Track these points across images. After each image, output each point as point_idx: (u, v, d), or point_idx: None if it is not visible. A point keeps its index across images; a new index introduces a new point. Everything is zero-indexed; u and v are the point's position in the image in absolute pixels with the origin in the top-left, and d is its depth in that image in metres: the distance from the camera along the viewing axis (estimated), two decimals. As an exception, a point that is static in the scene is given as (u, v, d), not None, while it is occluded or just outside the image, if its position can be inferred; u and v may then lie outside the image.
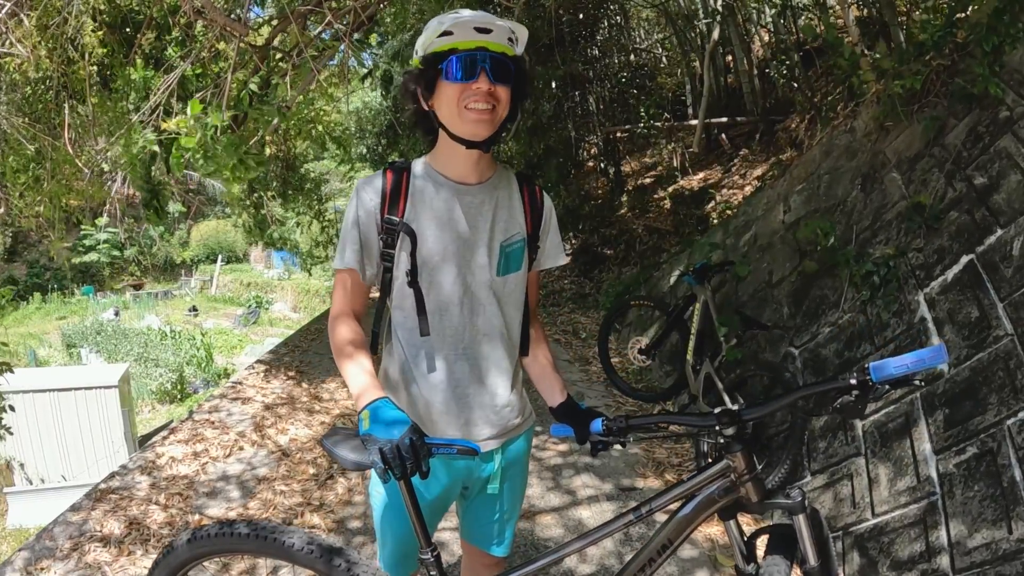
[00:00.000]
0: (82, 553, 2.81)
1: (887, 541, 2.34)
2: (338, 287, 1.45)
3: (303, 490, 3.46)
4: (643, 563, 1.36)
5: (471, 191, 1.42)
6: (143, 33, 4.30)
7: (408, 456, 1.15)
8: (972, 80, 2.84)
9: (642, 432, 1.35)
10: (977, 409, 2.22)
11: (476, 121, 1.32)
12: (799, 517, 1.25)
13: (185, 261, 26.24)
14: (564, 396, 1.55)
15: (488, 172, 1.45)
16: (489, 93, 1.31)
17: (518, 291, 1.50)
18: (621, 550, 2.77)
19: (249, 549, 1.39)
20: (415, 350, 1.44)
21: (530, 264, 1.52)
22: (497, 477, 1.52)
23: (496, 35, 1.31)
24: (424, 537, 1.31)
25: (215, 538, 1.39)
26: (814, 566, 1.25)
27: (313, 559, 1.34)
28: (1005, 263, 2.36)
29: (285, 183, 9.09)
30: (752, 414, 1.29)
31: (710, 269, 3.99)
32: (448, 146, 1.39)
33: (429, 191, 1.41)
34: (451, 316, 1.43)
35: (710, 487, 1.31)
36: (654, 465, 3.58)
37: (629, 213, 8.83)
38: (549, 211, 1.54)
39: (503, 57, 1.32)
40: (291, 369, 5.77)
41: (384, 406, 1.23)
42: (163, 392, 12.09)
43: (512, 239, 1.46)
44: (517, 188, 1.50)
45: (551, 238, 1.56)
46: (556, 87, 9.24)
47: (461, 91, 1.31)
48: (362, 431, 1.21)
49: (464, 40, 1.30)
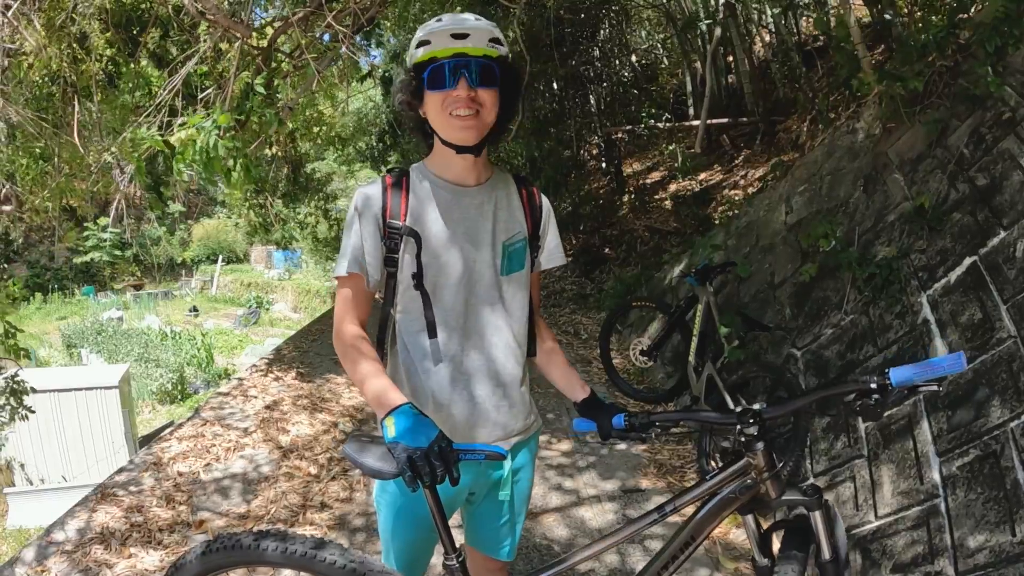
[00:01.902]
0: (88, 551, 2.81)
1: (890, 543, 2.33)
2: (341, 296, 1.44)
3: (305, 488, 3.46)
4: (666, 561, 1.38)
5: (470, 192, 1.43)
6: (148, 32, 4.31)
7: (438, 463, 1.13)
8: (975, 81, 2.84)
9: (663, 428, 1.36)
10: (980, 411, 2.21)
11: (461, 128, 1.34)
12: (815, 513, 1.29)
13: (185, 261, 26.27)
14: (587, 392, 1.55)
15: (486, 173, 1.47)
16: (471, 99, 1.32)
17: (522, 290, 1.51)
18: (622, 549, 2.77)
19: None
20: (421, 353, 1.43)
21: (532, 264, 1.52)
22: (508, 482, 1.52)
23: (474, 39, 1.32)
24: (449, 543, 1.30)
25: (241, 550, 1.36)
26: (829, 560, 1.29)
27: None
28: (1008, 265, 2.36)
29: (293, 183, 9.12)
30: (773, 413, 1.32)
31: (712, 270, 3.99)
32: (443, 150, 1.41)
33: (429, 194, 1.42)
34: (457, 317, 1.42)
35: (731, 485, 1.33)
36: (656, 466, 3.58)
37: (630, 213, 8.84)
38: (548, 211, 1.55)
39: (485, 60, 1.33)
40: (293, 368, 5.77)
41: (409, 412, 1.22)
42: (163, 393, 12.09)
43: (514, 238, 1.47)
44: (515, 189, 1.51)
45: (551, 238, 1.57)
46: (557, 87, 9.25)
47: (443, 99, 1.33)
48: (388, 438, 1.19)
49: (441, 48, 1.31)
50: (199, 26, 4.36)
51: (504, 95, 1.38)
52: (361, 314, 1.44)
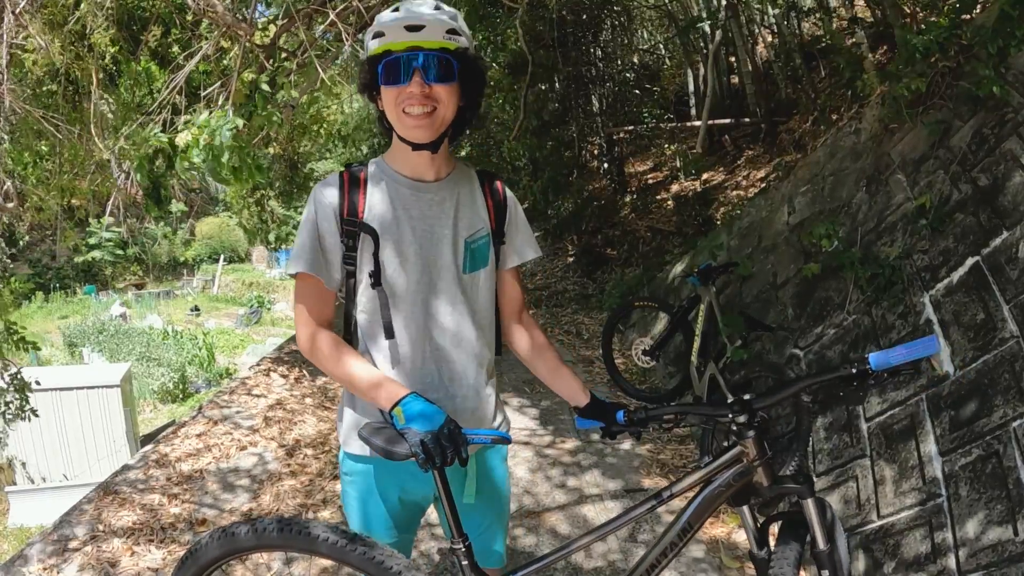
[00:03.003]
0: (93, 548, 2.82)
1: (893, 542, 2.34)
2: (300, 298, 1.38)
3: (310, 486, 3.47)
4: (665, 548, 1.41)
5: (430, 188, 1.39)
6: (149, 30, 4.32)
7: (448, 444, 1.18)
8: (977, 82, 2.85)
9: (660, 422, 1.40)
10: (983, 411, 2.22)
11: (414, 126, 1.29)
12: (808, 501, 1.34)
13: (187, 261, 26.27)
14: (588, 396, 1.53)
15: (446, 168, 1.42)
16: (425, 96, 1.26)
17: (487, 288, 1.46)
18: (624, 547, 2.78)
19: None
20: (381, 354, 1.40)
21: (498, 260, 1.48)
22: (471, 485, 1.48)
23: (430, 31, 1.24)
24: (456, 528, 1.33)
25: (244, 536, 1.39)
26: (823, 549, 1.33)
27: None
28: (1011, 265, 2.37)
29: (290, 182, 9.08)
30: (762, 402, 1.37)
31: (714, 270, 4.00)
32: (400, 146, 1.36)
33: (387, 190, 1.37)
34: (416, 317, 1.38)
35: (725, 472, 1.38)
36: (659, 466, 3.59)
37: (632, 214, 8.84)
38: (513, 204, 1.50)
39: (441, 54, 1.26)
40: (296, 367, 5.78)
41: (416, 399, 1.25)
42: (165, 392, 12.10)
43: (476, 235, 1.42)
44: (478, 184, 1.47)
45: (520, 232, 1.52)
46: (559, 88, 9.26)
47: (397, 95, 1.28)
48: (399, 426, 1.23)
49: (395, 41, 1.25)
50: (201, 24, 4.38)
51: (464, 88, 1.32)
52: (325, 313, 1.39)
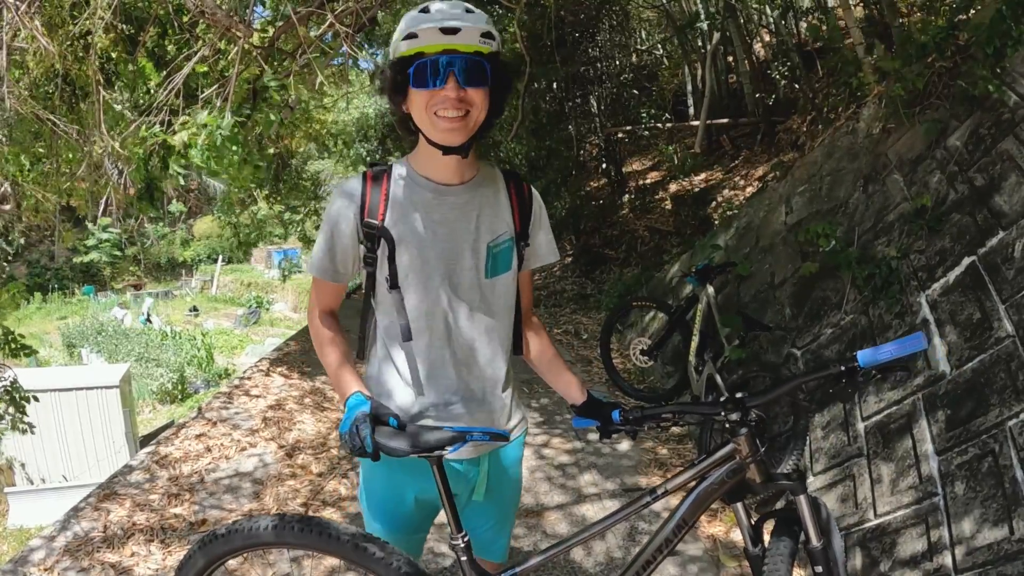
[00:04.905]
0: (94, 548, 2.82)
1: (889, 540, 2.35)
2: (314, 286, 1.48)
3: (311, 487, 3.47)
4: (660, 544, 1.43)
5: (454, 192, 1.37)
6: (146, 31, 4.31)
7: (352, 440, 1.26)
8: (974, 82, 2.86)
9: (655, 421, 1.43)
10: (979, 410, 2.23)
11: (448, 130, 1.26)
12: (801, 497, 1.35)
13: (186, 261, 26.26)
14: (584, 395, 1.54)
15: (471, 172, 1.40)
16: (459, 99, 1.24)
17: (508, 293, 1.45)
18: (623, 545, 2.79)
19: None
20: (400, 355, 1.41)
21: (520, 263, 1.47)
22: (482, 485, 1.49)
23: (465, 35, 1.22)
24: (456, 523, 1.37)
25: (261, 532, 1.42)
26: (817, 546, 1.34)
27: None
28: (1006, 265, 2.38)
29: (276, 179, 9.01)
30: (755, 401, 1.39)
31: (712, 270, 4.00)
32: (427, 149, 1.33)
33: (410, 194, 1.36)
34: (436, 320, 1.38)
35: (719, 469, 1.39)
36: (657, 465, 3.60)
37: (631, 214, 8.86)
38: (539, 208, 1.49)
39: (476, 57, 1.24)
40: (295, 368, 5.78)
41: (354, 397, 1.36)
42: (164, 392, 12.11)
43: (499, 239, 1.41)
44: (504, 186, 1.44)
45: (543, 235, 1.50)
46: (557, 88, 9.26)
47: (429, 98, 1.25)
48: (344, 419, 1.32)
49: (430, 44, 1.22)
50: (198, 25, 4.37)
51: (494, 92, 1.30)
52: (332, 302, 1.49)
